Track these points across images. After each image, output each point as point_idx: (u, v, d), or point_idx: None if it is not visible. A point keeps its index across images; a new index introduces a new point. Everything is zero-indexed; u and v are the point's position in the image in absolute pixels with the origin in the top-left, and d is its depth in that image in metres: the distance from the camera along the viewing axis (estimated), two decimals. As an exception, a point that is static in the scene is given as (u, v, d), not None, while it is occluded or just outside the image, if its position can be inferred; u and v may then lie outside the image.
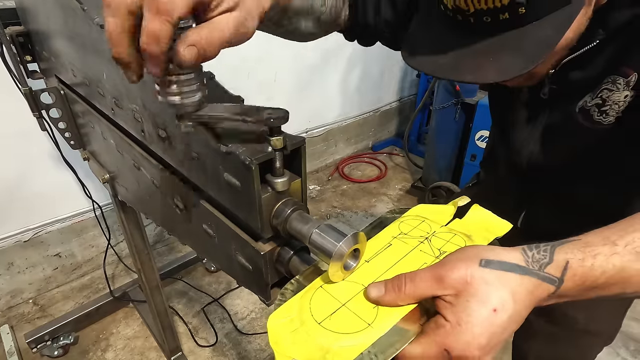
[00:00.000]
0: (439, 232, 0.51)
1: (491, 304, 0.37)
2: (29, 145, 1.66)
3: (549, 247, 0.41)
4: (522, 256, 0.40)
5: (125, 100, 0.71)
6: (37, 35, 1.04)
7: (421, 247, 0.48)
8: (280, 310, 0.43)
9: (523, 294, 0.39)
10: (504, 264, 0.39)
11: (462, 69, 0.55)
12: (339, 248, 0.40)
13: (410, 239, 0.50)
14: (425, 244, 0.49)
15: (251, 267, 0.51)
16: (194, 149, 0.52)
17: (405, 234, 0.51)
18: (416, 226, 0.52)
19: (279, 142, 0.41)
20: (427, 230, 0.51)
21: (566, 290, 0.40)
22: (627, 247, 0.40)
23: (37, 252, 1.86)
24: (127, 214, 1.24)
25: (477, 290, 0.38)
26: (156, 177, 0.73)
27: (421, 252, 0.48)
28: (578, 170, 0.74)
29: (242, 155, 0.41)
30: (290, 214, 0.44)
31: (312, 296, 0.43)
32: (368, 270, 0.46)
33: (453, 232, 0.51)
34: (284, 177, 0.44)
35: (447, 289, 0.39)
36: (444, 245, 0.49)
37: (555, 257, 0.40)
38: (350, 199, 2.79)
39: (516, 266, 0.39)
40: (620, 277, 0.39)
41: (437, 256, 0.47)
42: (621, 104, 0.60)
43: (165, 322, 1.52)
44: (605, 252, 0.40)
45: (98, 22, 0.68)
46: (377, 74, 3.16)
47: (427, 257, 0.47)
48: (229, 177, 0.46)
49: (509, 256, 0.40)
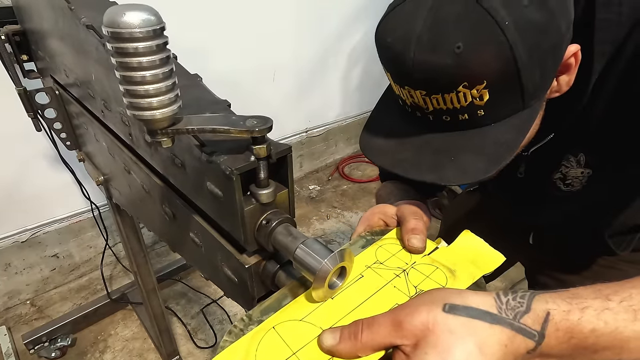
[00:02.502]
0: (419, 263, 0.46)
1: (453, 356, 0.31)
2: (27, 145, 1.65)
3: (527, 293, 0.35)
4: (495, 302, 0.34)
5: (113, 103, 0.69)
6: (33, 34, 1.03)
7: (396, 282, 0.43)
8: (224, 354, 0.37)
9: (493, 346, 0.32)
10: (472, 310, 0.33)
11: (423, 168, 0.53)
12: (323, 266, 0.37)
13: (385, 270, 0.45)
14: (401, 278, 0.44)
15: (237, 280, 0.49)
16: (178, 155, 0.50)
17: (380, 263, 0.45)
18: (395, 253, 0.47)
19: (263, 151, 0.39)
20: (407, 259, 0.46)
21: (549, 348, 0.33)
22: (622, 303, 0.33)
23: (35, 252, 1.85)
24: (122, 217, 1.22)
25: (438, 340, 0.32)
26: (145, 182, 0.71)
27: (395, 288, 0.42)
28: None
29: (223, 165, 0.39)
30: (275, 227, 0.42)
31: (261, 339, 0.38)
32: (330, 309, 0.40)
33: (435, 264, 0.45)
34: (269, 188, 0.41)
35: (406, 338, 0.33)
36: (422, 281, 0.43)
37: (534, 305, 0.34)
38: (350, 199, 2.77)
39: (486, 313, 0.33)
40: (614, 340, 0.33)
41: (411, 295, 0.41)
42: (581, 178, 0.66)
43: (162, 325, 1.50)
44: (595, 306, 0.33)
45: (84, 22, 0.66)
46: (377, 73, 3.11)
47: (400, 295, 0.42)
48: (211, 187, 0.43)
49: (479, 301, 0.34)
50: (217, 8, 1.99)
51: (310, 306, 0.41)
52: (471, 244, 0.48)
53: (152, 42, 0.34)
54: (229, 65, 2.15)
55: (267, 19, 2.21)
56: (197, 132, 0.40)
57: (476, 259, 0.46)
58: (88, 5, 0.72)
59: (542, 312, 0.33)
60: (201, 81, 0.58)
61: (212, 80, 0.64)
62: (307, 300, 0.42)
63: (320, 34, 2.55)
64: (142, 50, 0.33)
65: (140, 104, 0.36)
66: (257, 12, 2.15)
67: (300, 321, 0.39)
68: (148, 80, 0.35)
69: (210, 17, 1.99)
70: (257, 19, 2.17)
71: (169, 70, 0.36)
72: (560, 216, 0.78)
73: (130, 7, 0.33)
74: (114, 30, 0.33)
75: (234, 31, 2.11)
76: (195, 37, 1.87)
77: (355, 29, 2.76)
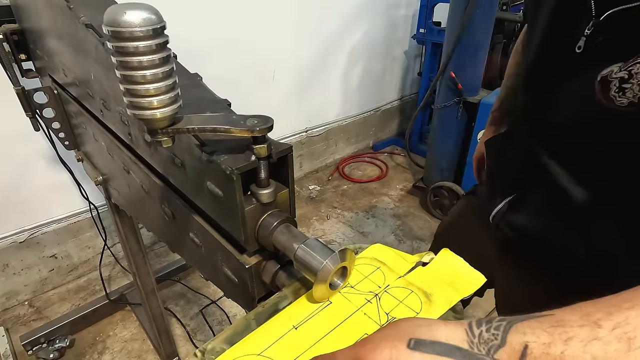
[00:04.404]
0: (393, 286, 0.43)
1: None
2: (25, 145, 1.64)
3: (503, 323, 0.31)
4: (466, 335, 0.31)
5: (113, 103, 0.69)
6: (31, 33, 1.02)
7: (366, 309, 0.40)
8: None
9: None
10: (439, 345, 0.30)
11: None
12: (324, 266, 0.37)
13: (356, 296, 0.41)
14: (372, 304, 0.41)
15: (237, 280, 0.48)
16: (178, 155, 0.50)
17: (352, 287, 0.43)
18: (368, 275, 0.44)
19: (264, 150, 0.39)
20: (380, 282, 0.43)
21: None
22: (615, 330, 0.28)
23: (33, 253, 1.84)
24: (121, 217, 1.22)
25: None
26: (145, 182, 0.70)
27: (365, 315, 0.39)
28: None
29: (223, 164, 0.39)
30: (276, 227, 0.41)
31: None
32: (293, 340, 0.37)
33: (410, 288, 0.43)
34: (270, 187, 0.41)
35: None
36: (394, 307, 0.40)
37: (509, 338, 0.30)
38: (350, 199, 2.77)
39: (455, 349, 0.30)
40: None
41: (382, 324, 0.38)
42: None
43: (161, 326, 1.50)
44: (582, 336, 0.29)
45: (84, 21, 0.65)
46: (378, 72, 3.13)
47: (369, 324, 0.39)
48: (212, 187, 0.43)
49: (448, 334, 0.31)
50: (217, 7, 1.99)
51: (272, 337, 0.38)
52: (450, 263, 0.45)
53: (152, 41, 0.33)
54: (229, 64, 2.15)
55: (267, 18, 2.21)
56: (197, 131, 0.40)
57: (454, 280, 0.43)
58: (87, 4, 0.72)
59: (519, 346, 0.29)
60: (201, 80, 0.58)
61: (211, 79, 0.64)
62: (271, 329, 0.39)
63: (321, 32, 2.55)
64: (142, 49, 0.33)
65: (141, 103, 0.36)
66: (257, 11, 2.14)
67: (258, 356, 0.36)
68: (148, 80, 0.35)
69: (210, 16, 1.99)
70: (257, 18, 2.16)
71: (170, 70, 0.36)
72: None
73: (131, 6, 0.33)
74: (114, 29, 0.33)
75: (234, 30, 2.11)
76: (195, 36, 1.87)
77: (356, 28, 2.76)
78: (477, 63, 2.21)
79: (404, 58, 3.28)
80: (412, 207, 2.68)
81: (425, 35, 2.81)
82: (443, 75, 2.26)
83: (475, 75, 2.24)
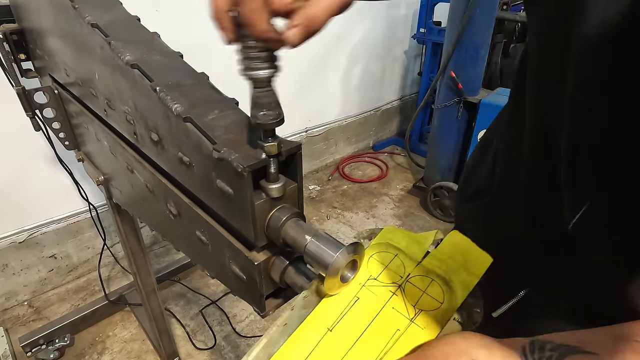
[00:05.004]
0: (413, 275, 0.44)
1: None
2: (25, 145, 1.64)
3: (556, 354, 0.32)
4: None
5: (118, 102, 0.69)
6: (31, 33, 1.02)
7: (394, 303, 0.41)
8: None
9: None
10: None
11: None
12: (335, 259, 0.37)
13: (381, 288, 0.43)
14: (398, 296, 0.42)
15: (245, 277, 0.48)
16: (186, 153, 0.50)
17: (374, 279, 0.44)
18: (387, 265, 0.45)
19: (274, 149, 0.39)
20: (400, 272, 0.44)
21: None
22: None
23: (32, 253, 1.84)
24: (122, 217, 1.21)
25: None
26: (149, 181, 0.70)
27: (393, 310, 0.41)
28: None
29: (234, 162, 0.39)
30: (285, 222, 0.41)
31: None
32: (331, 345, 0.38)
33: (429, 276, 0.44)
34: (279, 182, 0.41)
35: None
36: (419, 299, 0.42)
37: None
38: (350, 199, 2.77)
39: None
40: None
41: (411, 318, 0.40)
42: None
43: (161, 326, 1.50)
44: None
45: (89, 21, 0.65)
46: (378, 72, 3.14)
47: (400, 319, 0.40)
48: (221, 184, 0.43)
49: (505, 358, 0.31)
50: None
51: (310, 343, 0.39)
52: (460, 244, 0.47)
53: None
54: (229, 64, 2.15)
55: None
56: None
57: (466, 260, 0.45)
58: (92, 4, 0.71)
59: None
60: (208, 79, 0.57)
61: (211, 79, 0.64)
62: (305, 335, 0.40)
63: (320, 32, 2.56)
64: None
65: None
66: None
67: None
68: None
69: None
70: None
71: None
72: None
73: None
74: None
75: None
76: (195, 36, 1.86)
77: (356, 28, 2.77)
78: (477, 63, 2.22)
79: (404, 58, 3.29)
80: (413, 207, 2.69)
81: (426, 35, 2.81)
82: (443, 75, 2.27)
83: (476, 75, 2.25)
